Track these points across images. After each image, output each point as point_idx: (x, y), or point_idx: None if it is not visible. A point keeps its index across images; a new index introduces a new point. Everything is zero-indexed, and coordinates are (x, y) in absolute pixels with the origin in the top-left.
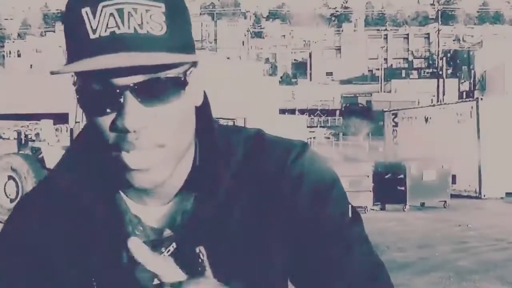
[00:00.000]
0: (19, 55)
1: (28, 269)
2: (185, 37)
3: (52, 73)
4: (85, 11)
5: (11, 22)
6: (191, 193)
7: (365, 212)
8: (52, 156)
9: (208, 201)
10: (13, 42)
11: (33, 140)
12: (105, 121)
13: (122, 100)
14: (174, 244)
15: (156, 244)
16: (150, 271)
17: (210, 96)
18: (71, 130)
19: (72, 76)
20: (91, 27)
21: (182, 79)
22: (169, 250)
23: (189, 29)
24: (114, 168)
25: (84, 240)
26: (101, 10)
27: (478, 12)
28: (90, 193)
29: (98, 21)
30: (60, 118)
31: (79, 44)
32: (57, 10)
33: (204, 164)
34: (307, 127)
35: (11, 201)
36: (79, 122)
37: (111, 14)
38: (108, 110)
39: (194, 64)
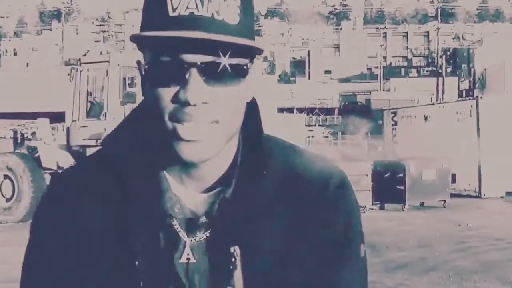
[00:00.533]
0: (15, 54)
1: (69, 243)
2: (252, 30)
3: (131, 38)
4: None
5: (7, 20)
6: (229, 186)
7: (364, 212)
8: (49, 155)
9: (243, 197)
10: (9, 40)
11: (30, 139)
12: (168, 93)
13: (187, 76)
14: (208, 232)
15: (191, 226)
16: (182, 251)
17: None
18: (68, 128)
19: (68, 74)
20: (172, 5)
21: (245, 67)
22: (202, 237)
23: (254, 23)
24: (167, 140)
25: (126, 216)
26: None
27: (478, 9)
28: (135, 169)
29: (180, 1)
30: (57, 117)
31: (157, 19)
32: (54, 8)
33: (246, 161)
34: (306, 125)
35: (7, 200)
36: (75, 120)
37: None
38: (173, 83)
39: (252, 61)
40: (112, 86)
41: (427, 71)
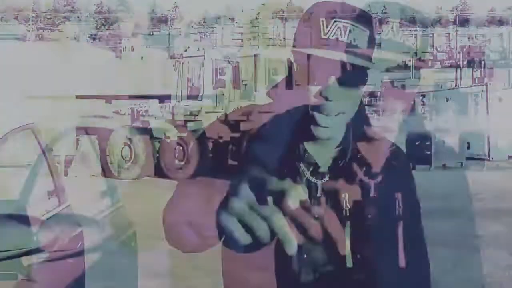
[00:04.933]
0: (132, 50)
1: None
2: (372, 52)
3: (293, 51)
4: (322, 20)
5: (127, 24)
6: (347, 150)
7: None
8: (158, 127)
9: (356, 159)
10: (128, 39)
11: (143, 116)
12: (313, 90)
13: (329, 80)
14: (327, 178)
15: (316, 172)
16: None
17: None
18: (173, 107)
19: (173, 65)
20: (323, 31)
21: (363, 78)
22: (323, 181)
23: (375, 47)
24: (307, 123)
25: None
26: (333, 23)
27: (487, 16)
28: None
29: (329, 29)
30: (164, 98)
31: (313, 39)
32: (162, 14)
33: (357, 136)
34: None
35: (126, 162)
36: (179, 101)
37: (339, 28)
38: (318, 84)
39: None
40: (207, 74)
41: (448, 63)
